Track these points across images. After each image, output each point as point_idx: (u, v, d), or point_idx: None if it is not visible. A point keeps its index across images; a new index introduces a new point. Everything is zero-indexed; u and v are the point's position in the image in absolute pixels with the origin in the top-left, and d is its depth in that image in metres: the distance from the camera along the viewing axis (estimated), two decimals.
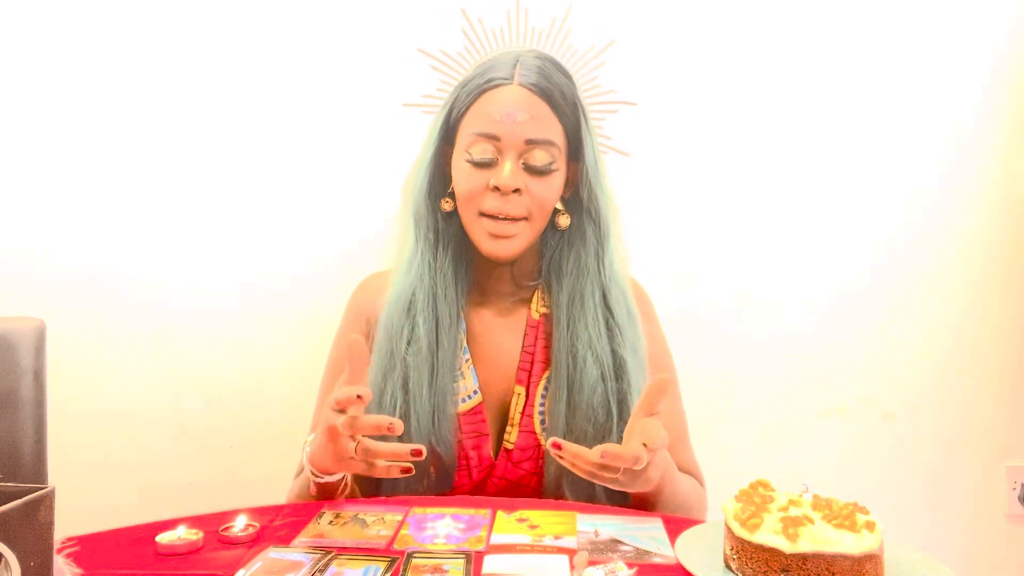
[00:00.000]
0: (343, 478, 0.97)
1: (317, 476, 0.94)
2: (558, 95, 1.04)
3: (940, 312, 1.63)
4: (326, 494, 0.98)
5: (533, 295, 1.13)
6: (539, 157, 1.03)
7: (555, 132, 1.04)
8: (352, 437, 0.86)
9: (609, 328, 1.07)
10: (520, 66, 1.04)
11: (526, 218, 1.04)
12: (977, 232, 1.62)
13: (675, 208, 1.59)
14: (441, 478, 1.05)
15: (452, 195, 1.09)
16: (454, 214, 1.09)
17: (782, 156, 1.59)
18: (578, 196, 1.10)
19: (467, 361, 1.09)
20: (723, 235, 1.60)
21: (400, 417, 1.03)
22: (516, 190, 1.02)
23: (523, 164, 1.03)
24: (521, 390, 1.08)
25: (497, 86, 1.03)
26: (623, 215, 1.13)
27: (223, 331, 1.53)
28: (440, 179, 1.10)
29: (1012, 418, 1.65)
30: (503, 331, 1.12)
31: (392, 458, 0.86)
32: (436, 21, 1.28)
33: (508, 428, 1.07)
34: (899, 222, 1.61)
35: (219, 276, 1.53)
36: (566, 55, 1.11)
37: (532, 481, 1.06)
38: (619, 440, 1.00)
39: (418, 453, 0.85)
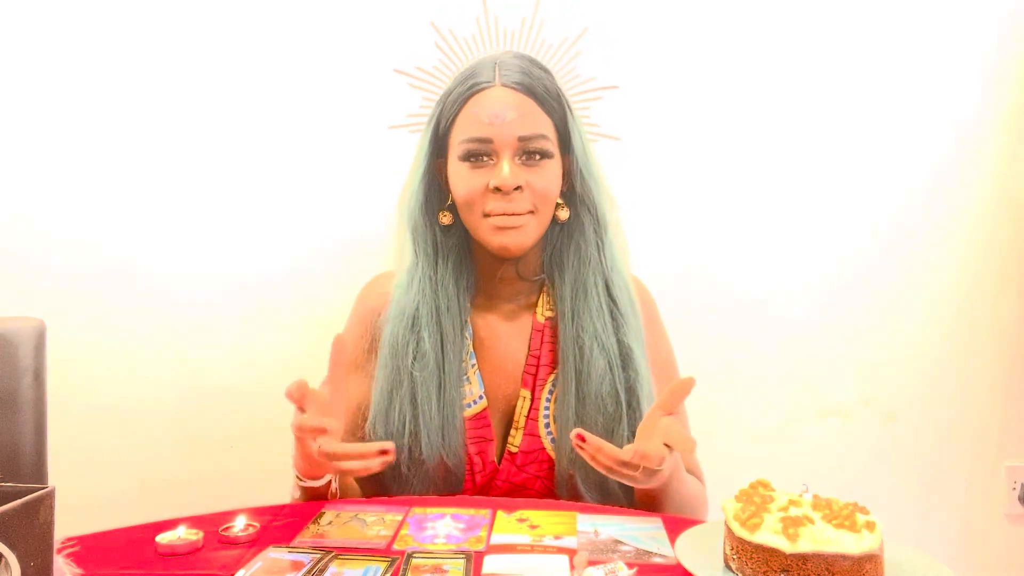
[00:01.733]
0: (329, 483, 0.96)
1: (300, 480, 0.95)
2: (541, 90, 1.04)
3: (940, 312, 1.63)
4: (314, 500, 0.97)
5: (538, 299, 1.13)
6: (534, 148, 1.03)
7: (545, 126, 1.05)
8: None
9: (614, 318, 1.08)
10: (499, 67, 1.04)
11: (532, 211, 1.04)
12: (977, 232, 1.62)
13: (675, 206, 1.58)
14: (449, 488, 1.06)
15: (449, 208, 1.09)
16: (452, 227, 1.09)
17: (783, 158, 1.59)
18: (573, 189, 1.10)
19: (473, 367, 1.09)
20: (723, 235, 1.60)
21: (409, 431, 1.03)
22: (517, 187, 1.02)
23: (519, 161, 1.03)
24: (527, 393, 1.08)
25: (481, 90, 1.03)
26: (620, 208, 1.13)
27: (223, 331, 1.53)
28: (435, 193, 1.10)
29: (1012, 418, 1.65)
30: (509, 336, 1.12)
31: (357, 459, 0.86)
32: (409, 39, 1.28)
33: (513, 432, 1.08)
34: (900, 221, 1.61)
35: (220, 276, 1.53)
36: (541, 51, 1.11)
37: (536, 484, 1.07)
38: (630, 431, 1.02)
39: (386, 452, 0.86)
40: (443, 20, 1.11)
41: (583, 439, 0.86)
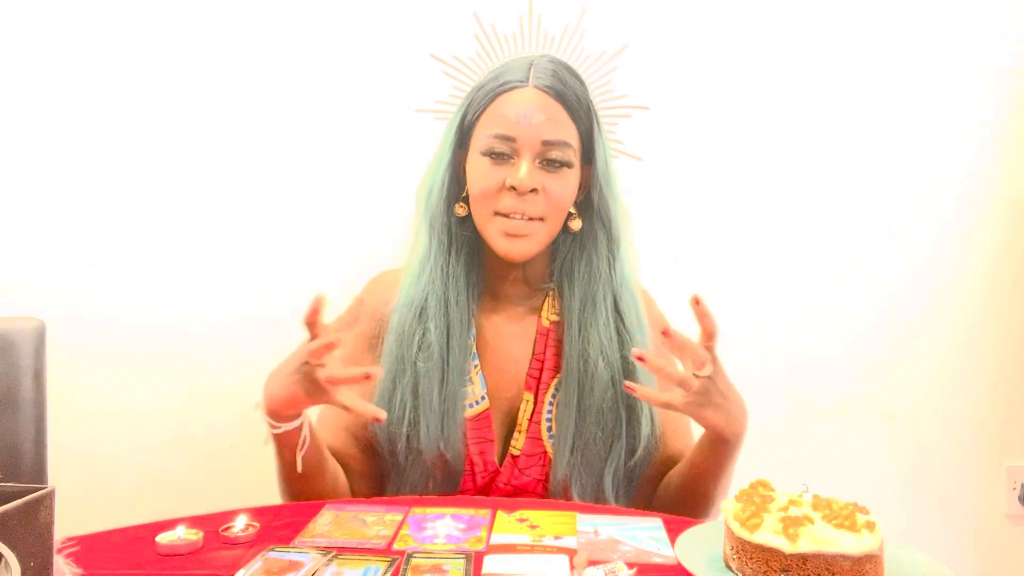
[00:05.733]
0: (301, 425, 0.95)
1: (275, 427, 0.94)
2: (572, 98, 1.04)
3: (941, 312, 1.63)
4: (289, 449, 0.96)
5: (544, 302, 1.13)
6: (555, 156, 1.03)
7: (570, 133, 1.04)
8: (321, 364, 0.88)
9: (619, 333, 1.08)
10: (534, 69, 1.04)
11: (542, 218, 1.04)
12: (978, 232, 1.62)
13: (682, 212, 1.59)
14: (447, 482, 1.06)
15: (466, 200, 1.09)
16: (467, 219, 1.09)
17: (785, 155, 1.59)
18: (590, 200, 1.09)
19: (476, 367, 1.09)
20: (725, 237, 1.60)
21: (409, 421, 1.04)
22: (533, 190, 1.02)
23: (539, 164, 1.03)
24: (530, 396, 1.08)
25: (512, 88, 1.03)
26: (634, 220, 1.13)
27: (223, 330, 1.53)
28: (454, 184, 1.10)
29: (1012, 418, 1.65)
30: (513, 337, 1.12)
31: (353, 383, 0.90)
32: (449, 27, 1.28)
33: (515, 434, 1.08)
34: (900, 223, 1.61)
35: (220, 276, 1.53)
36: (578, 60, 1.11)
37: (537, 488, 1.06)
38: (628, 449, 1.05)
39: (369, 377, 0.88)
40: (486, 14, 1.11)
41: (643, 359, 0.90)
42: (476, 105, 1.06)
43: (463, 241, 1.10)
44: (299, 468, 0.97)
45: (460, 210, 1.09)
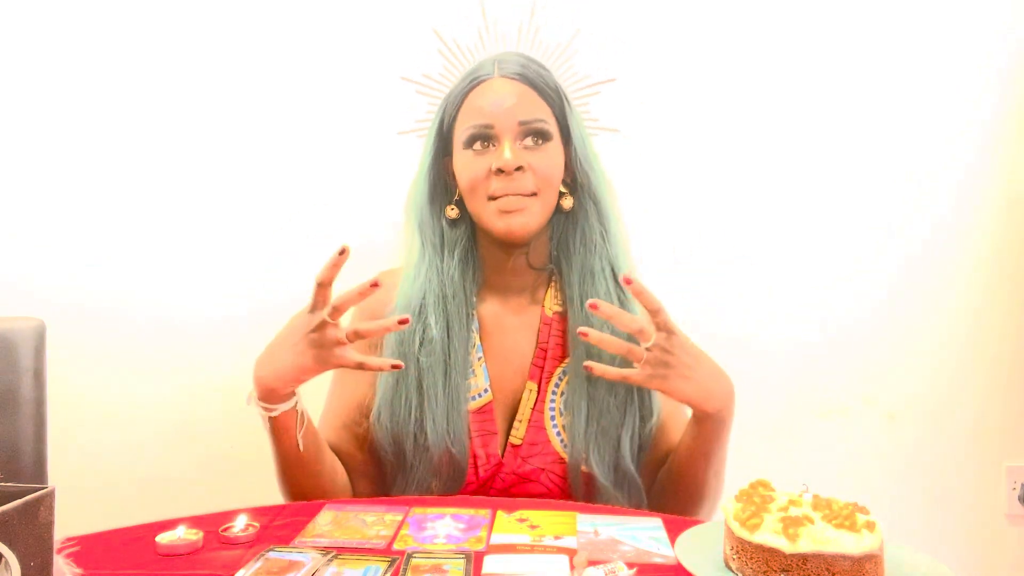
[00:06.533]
0: (295, 406, 0.96)
1: (270, 410, 0.95)
2: (539, 80, 1.08)
3: (940, 312, 1.63)
4: (286, 433, 0.97)
5: (546, 293, 1.14)
6: (534, 132, 1.06)
7: (545, 112, 1.07)
8: (335, 325, 0.91)
9: (621, 303, 1.08)
10: (498, 62, 1.08)
11: (535, 194, 1.05)
12: (978, 232, 1.62)
13: (682, 211, 1.59)
14: (454, 478, 1.06)
15: (456, 203, 1.11)
16: (459, 221, 1.12)
17: (785, 155, 1.59)
18: (575, 178, 1.12)
19: (479, 359, 1.10)
20: (725, 237, 1.60)
21: (415, 419, 1.04)
22: (519, 168, 1.03)
23: (520, 144, 1.05)
24: (533, 386, 1.09)
25: (480, 82, 1.07)
26: (620, 198, 1.15)
27: (223, 331, 1.53)
28: (441, 189, 1.12)
29: (1012, 418, 1.65)
30: (516, 329, 1.12)
31: (381, 332, 0.97)
32: (415, 46, 1.31)
33: (516, 423, 1.08)
34: (901, 222, 1.61)
35: (220, 277, 1.53)
36: (539, 52, 1.14)
37: (540, 476, 1.07)
38: (641, 416, 1.07)
39: (404, 321, 0.93)
40: (445, 29, 1.14)
41: (596, 307, 0.93)
42: (450, 108, 1.09)
43: (456, 240, 1.11)
44: (301, 447, 0.98)
45: (451, 212, 1.11)
